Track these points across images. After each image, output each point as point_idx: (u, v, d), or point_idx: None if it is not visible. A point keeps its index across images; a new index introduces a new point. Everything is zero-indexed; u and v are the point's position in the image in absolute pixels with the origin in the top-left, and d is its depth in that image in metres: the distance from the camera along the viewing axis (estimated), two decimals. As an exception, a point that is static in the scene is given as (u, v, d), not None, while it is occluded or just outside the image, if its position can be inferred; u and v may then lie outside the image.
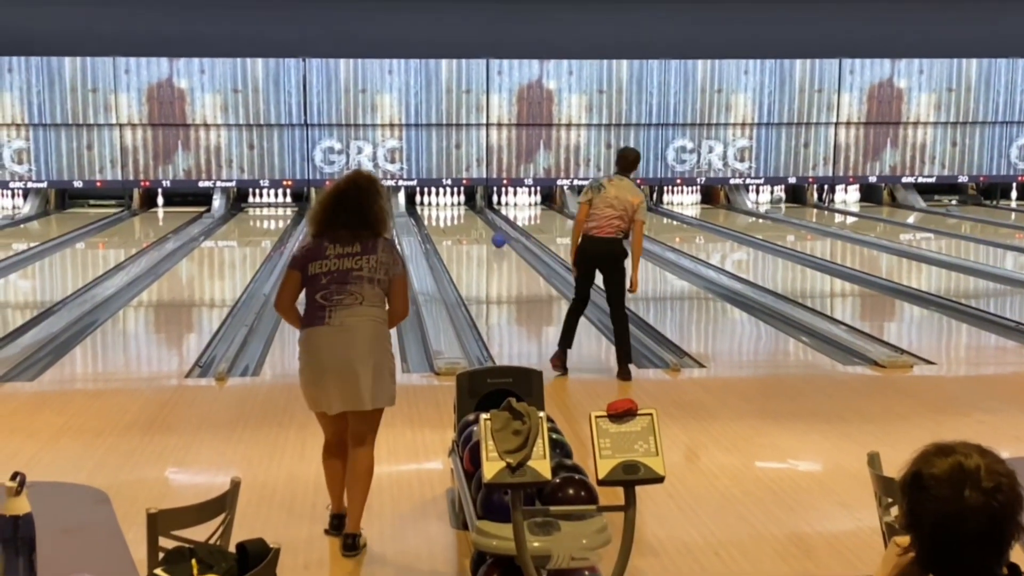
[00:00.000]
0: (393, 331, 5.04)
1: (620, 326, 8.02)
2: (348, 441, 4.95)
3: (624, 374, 7.97)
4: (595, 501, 4.00)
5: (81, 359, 9.27)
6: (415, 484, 5.85)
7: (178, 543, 3.16)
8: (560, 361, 8.14)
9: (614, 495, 3.76)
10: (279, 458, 6.19)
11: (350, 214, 4.82)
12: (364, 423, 4.90)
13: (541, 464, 3.48)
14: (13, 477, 2.77)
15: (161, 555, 3.09)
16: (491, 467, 3.48)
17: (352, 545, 4.88)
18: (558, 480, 4.00)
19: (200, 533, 3.29)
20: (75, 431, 6.72)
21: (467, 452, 4.67)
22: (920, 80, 22.11)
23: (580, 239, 8.02)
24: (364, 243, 4.80)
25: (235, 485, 3.54)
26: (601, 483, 3.49)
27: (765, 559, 4.88)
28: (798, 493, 5.70)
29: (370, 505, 5.45)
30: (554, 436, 4.47)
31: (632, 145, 21.15)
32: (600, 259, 7.93)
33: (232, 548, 3.19)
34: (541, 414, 3.59)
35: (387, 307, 4.90)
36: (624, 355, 8.04)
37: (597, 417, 3.48)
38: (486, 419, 3.57)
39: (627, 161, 8.34)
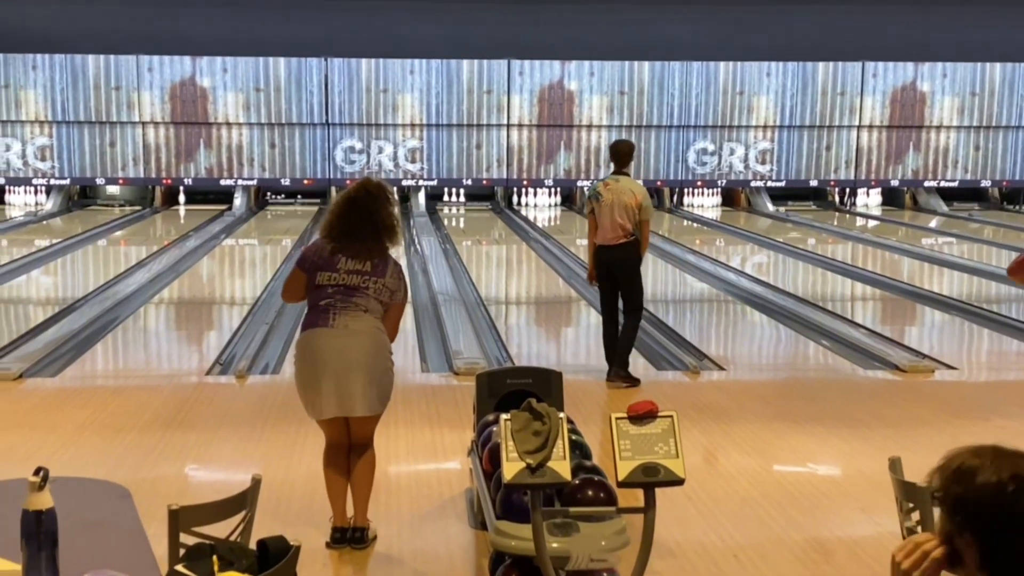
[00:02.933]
0: (412, 331, 5.18)
1: (626, 331, 7.88)
2: (350, 443, 4.99)
3: (612, 376, 7.88)
4: (614, 503, 4.00)
5: (102, 355, 9.31)
6: (433, 483, 5.86)
7: (199, 539, 3.17)
8: (620, 375, 7.89)
9: (632, 496, 3.76)
10: (298, 456, 6.20)
11: (362, 218, 4.88)
12: (364, 427, 4.95)
13: (561, 465, 3.48)
14: (36, 472, 2.78)
15: (182, 551, 3.10)
16: (511, 467, 3.48)
17: (360, 538, 4.93)
18: (577, 481, 4.00)
19: (220, 530, 3.30)
20: (96, 427, 6.75)
21: (486, 452, 4.67)
22: (944, 84, 22.00)
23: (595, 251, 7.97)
24: (375, 263, 4.88)
25: (256, 483, 3.54)
26: (621, 485, 3.48)
27: (784, 563, 4.87)
28: (817, 497, 5.69)
29: (388, 504, 5.48)
30: (574, 437, 4.47)
31: (653, 146, 21.24)
32: (613, 266, 7.86)
33: (252, 545, 3.19)
34: (561, 415, 3.59)
35: (374, 314, 4.91)
36: (619, 359, 7.89)
37: (618, 419, 3.47)
38: (506, 419, 3.57)
39: (620, 156, 8.10)
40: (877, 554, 4.90)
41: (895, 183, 22.50)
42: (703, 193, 22.38)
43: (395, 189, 20.74)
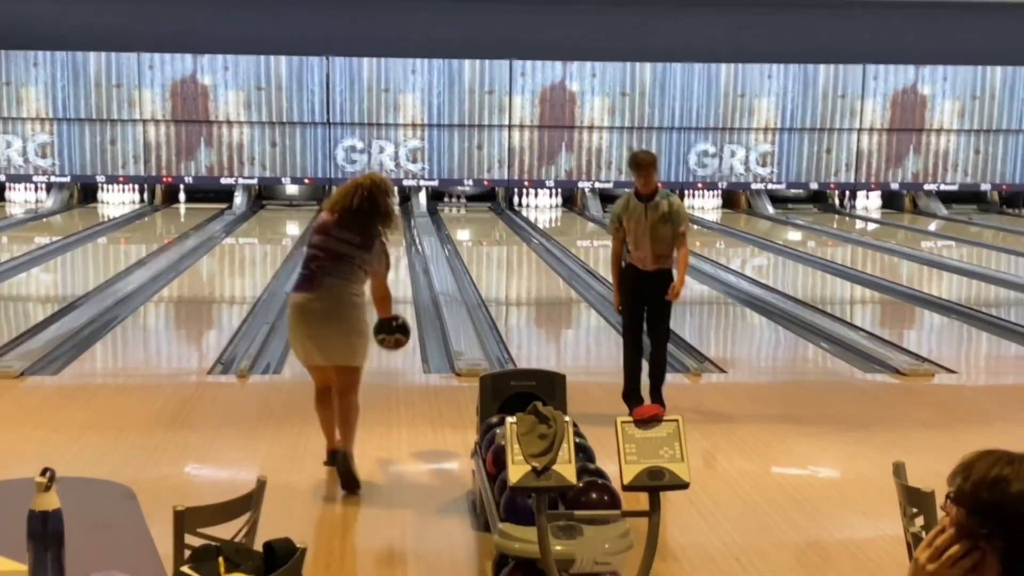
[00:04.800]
0: (413, 332, 5.96)
1: (660, 361, 7.25)
2: (335, 390, 5.73)
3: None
4: (618, 506, 4.01)
5: (103, 354, 9.31)
6: (436, 485, 5.86)
7: (204, 541, 3.17)
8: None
9: (634, 499, 3.76)
10: (301, 456, 6.21)
11: (362, 200, 5.59)
12: (346, 376, 5.70)
13: (566, 468, 3.48)
14: (43, 473, 2.79)
15: (187, 552, 3.10)
16: (516, 470, 3.49)
17: (345, 459, 5.62)
18: (581, 484, 4.01)
19: (225, 532, 3.30)
20: (99, 426, 6.76)
21: (490, 454, 4.68)
22: (944, 87, 22.01)
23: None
24: (364, 239, 5.61)
25: (261, 484, 3.54)
26: (626, 488, 3.49)
27: (785, 566, 4.88)
28: (819, 501, 5.69)
29: (391, 505, 5.50)
30: (578, 440, 4.47)
31: (654, 148, 21.24)
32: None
33: (257, 547, 3.20)
34: (567, 419, 3.59)
35: (366, 288, 5.72)
36: (655, 394, 7.17)
37: (623, 422, 3.47)
38: (512, 422, 3.58)
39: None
40: (878, 557, 4.91)
41: (895, 186, 22.51)
42: (704, 195, 22.37)
43: (396, 189, 20.65)
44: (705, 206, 22.33)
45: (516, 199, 22.00)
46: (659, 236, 6.96)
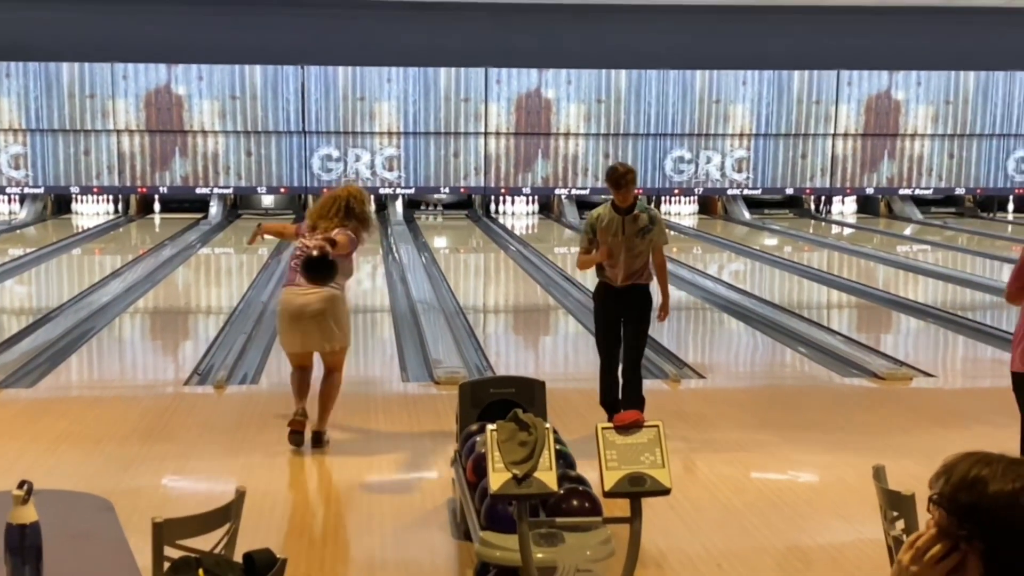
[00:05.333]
0: (391, 340, 5.61)
1: (636, 386, 6.95)
2: (324, 369, 6.50)
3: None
4: (599, 512, 4.00)
5: (78, 366, 9.25)
6: (416, 493, 5.84)
7: (183, 552, 3.15)
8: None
9: (615, 505, 3.76)
10: (279, 466, 6.18)
11: (338, 208, 6.39)
12: (331, 358, 6.47)
13: (547, 475, 3.48)
14: (20, 486, 2.76)
15: (166, 564, 3.08)
16: (497, 478, 3.48)
17: (318, 440, 6.38)
18: (562, 491, 4.00)
19: (204, 543, 3.28)
20: (75, 438, 6.70)
21: (470, 462, 4.66)
22: (918, 92, 22.16)
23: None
24: (340, 232, 6.33)
25: (240, 495, 3.52)
26: (608, 495, 3.48)
27: (766, 571, 4.88)
28: (799, 505, 5.70)
29: (370, 514, 5.47)
30: (558, 447, 4.46)
31: (631, 155, 21.31)
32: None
33: (237, 558, 3.17)
34: (547, 425, 3.59)
35: (346, 272, 6.42)
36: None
37: (604, 429, 3.47)
38: (492, 430, 3.57)
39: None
40: (858, 561, 4.92)
41: (870, 191, 22.64)
42: (680, 201, 22.44)
43: (372, 197, 20.80)
44: (682, 212, 22.40)
45: (493, 206, 22.01)
46: (634, 251, 6.60)
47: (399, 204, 21.61)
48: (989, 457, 2.03)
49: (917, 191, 22.61)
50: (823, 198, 22.98)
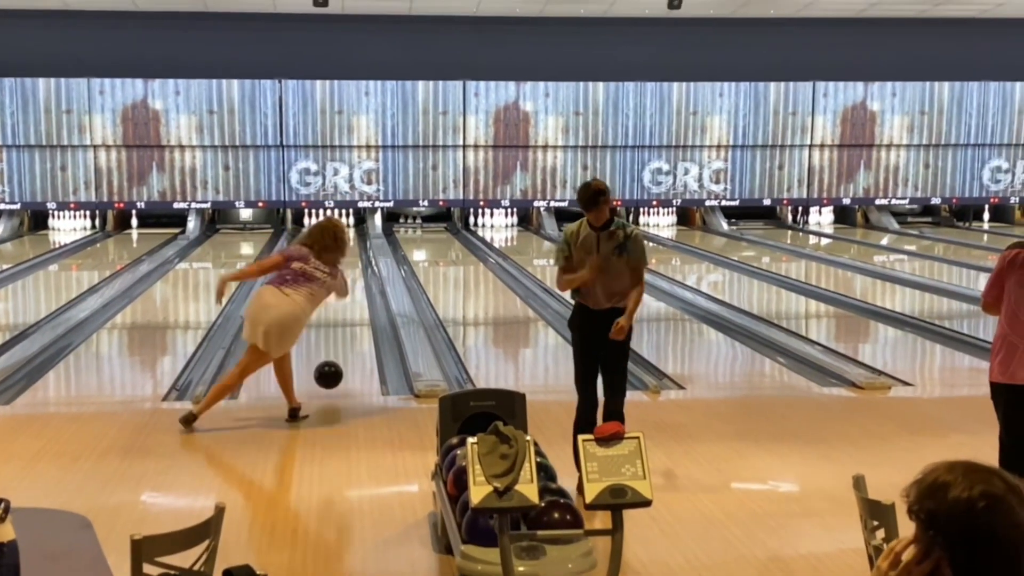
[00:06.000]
0: (370, 354, 5.85)
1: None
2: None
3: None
4: (580, 525, 3.99)
5: (55, 383, 9.18)
6: (396, 508, 5.82)
7: (162, 570, 3.13)
8: None
9: (596, 516, 3.75)
10: (259, 482, 6.15)
11: (330, 238, 7.37)
12: (254, 352, 7.31)
13: (528, 488, 3.47)
14: (-3, 504, 2.74)
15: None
16: (478, 491, 3.47)
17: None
18: (544, 504, 3.99)
19: (184, 560, 3.26)
20: (53, 455, 6.66)
21: (451, 476, 4.65)
22: (893, 103, 22.30)
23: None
24: (333, 269, 7.36)
25: (219, 511, 3.51)
26: (589, 507, 3.48)
27: (748, 582, 4.88)
28: (779, 515, 5.71)
29: (350, 528, 5.46)
30: (539, 459, 4.46)
31: (609, 166, 21.38)
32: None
33: (216, 574, 3.16)
34: (528, 438, 3.58)
35: (319, 302, 7.37)
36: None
37: (584, 441, 3.47)
38: (473, 443, 3.56)
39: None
40: (839, 571, 4.93)
41: (847, 201, 22.76)
42: (659, 212, 22.50)
43: (351, 211, 20.65)
44: (660, 223, 22.47)
45: (472, 219, 22.01)
46: (612, 270, 6.04)
47: (378, 218, 21.58)
48: (953, 464, 2.08)
49: (893, 201, 22.75)
50: (800, 208, 23.08)
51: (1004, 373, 5.11)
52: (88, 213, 21.40)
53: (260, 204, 21.44)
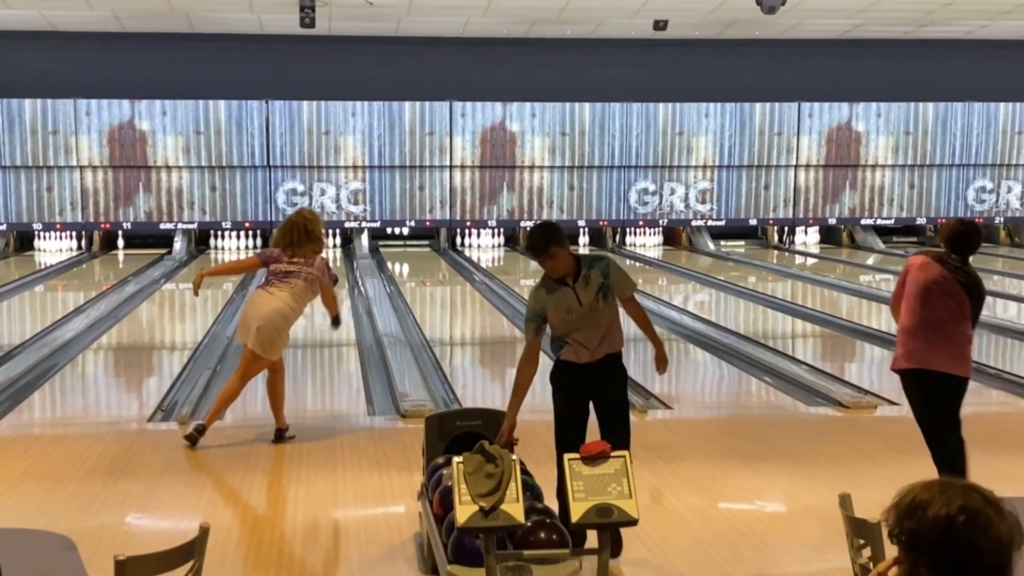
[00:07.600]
0: (357, 374, 5.56)
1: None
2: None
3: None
4: (567, 544, 3.98)
5: (40, 404, 9.15)
6: (382, 528, 5.80)
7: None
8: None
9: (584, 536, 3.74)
10: (244, 503, 6.13)
11: (299, 233, 7.41)
12: (249, 356, 7.35)
13: (515, 508, 3.47)
14: (-20, 525, 2.72)
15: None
16: (464, 511, 3.47)
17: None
18: (530, 523, 3.98)
19: (168, 580, 3.24)
20: (37, 476, 6.62)
21: (437, 496, 4.64)
22: (878, 123, 22.41)
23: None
24: (307, 260, 7.43)
25: (204, 531, 3.49)
26: (575, 526, 3.48)
27: (735, 601, 4.87)
28: (767, 535, 5.71)
29: (336, 549, 5.44)
30: (525, 479, 4.45)
31: (595, 187, 21.43)
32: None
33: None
34: (513, 457, 3.58)
35: (306, 297, 7.45)
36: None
37: (570, 460, 3.47)
38: (459, 462, 3.56)
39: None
40: (827, 590, 4.93)
41: (832, 221, 22.84)
42: (645, 233, 22.55)
43: (338, 232, 20.64)
44: (647, 243, 22.51)
45: (458, 239, 22.03)
46: (600, 320, 5.30)
47: (364, 238, 21.57)
48: (931, 483, 2.09)
49: (878, 221, 22.84)
50: (786, 228, 23.15)
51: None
52: (74, 234, 21.33)
53: (247, 225, 21.41)
